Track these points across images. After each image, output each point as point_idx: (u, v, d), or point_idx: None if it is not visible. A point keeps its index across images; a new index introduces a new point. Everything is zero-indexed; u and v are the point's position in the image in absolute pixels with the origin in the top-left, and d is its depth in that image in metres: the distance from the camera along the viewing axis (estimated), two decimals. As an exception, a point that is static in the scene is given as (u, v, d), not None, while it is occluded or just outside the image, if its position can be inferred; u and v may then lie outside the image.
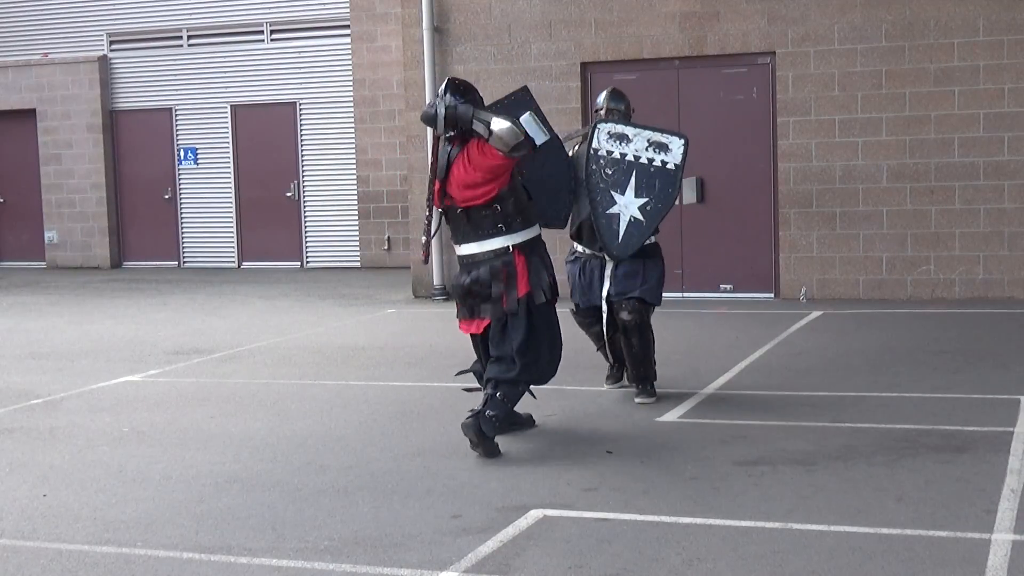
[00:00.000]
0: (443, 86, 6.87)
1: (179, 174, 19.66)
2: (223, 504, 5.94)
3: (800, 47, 13.03)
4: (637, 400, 8.05)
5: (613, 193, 7.86)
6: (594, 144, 7.92)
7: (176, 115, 19.57)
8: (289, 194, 18.97)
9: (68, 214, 20.09)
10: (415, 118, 14.57)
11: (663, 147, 7.95)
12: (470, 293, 6.94)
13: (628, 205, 7.85)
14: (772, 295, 13.44)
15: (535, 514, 5.61)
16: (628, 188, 7.86)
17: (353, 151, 18.51)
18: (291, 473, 6.51)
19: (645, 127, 8.12)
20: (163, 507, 5.93)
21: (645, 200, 7.89)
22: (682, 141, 8.03)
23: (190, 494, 6.15)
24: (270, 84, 18.98)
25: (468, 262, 6.94)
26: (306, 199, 18.94)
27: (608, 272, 7.97)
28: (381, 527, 5.50)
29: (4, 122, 20.53)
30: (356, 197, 18.52)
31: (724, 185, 13.54)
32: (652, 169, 7.92)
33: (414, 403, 8.28)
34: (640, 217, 7.86)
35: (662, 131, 8.06)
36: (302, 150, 18.93)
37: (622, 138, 7.92)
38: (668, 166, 7.96)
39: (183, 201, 19.68)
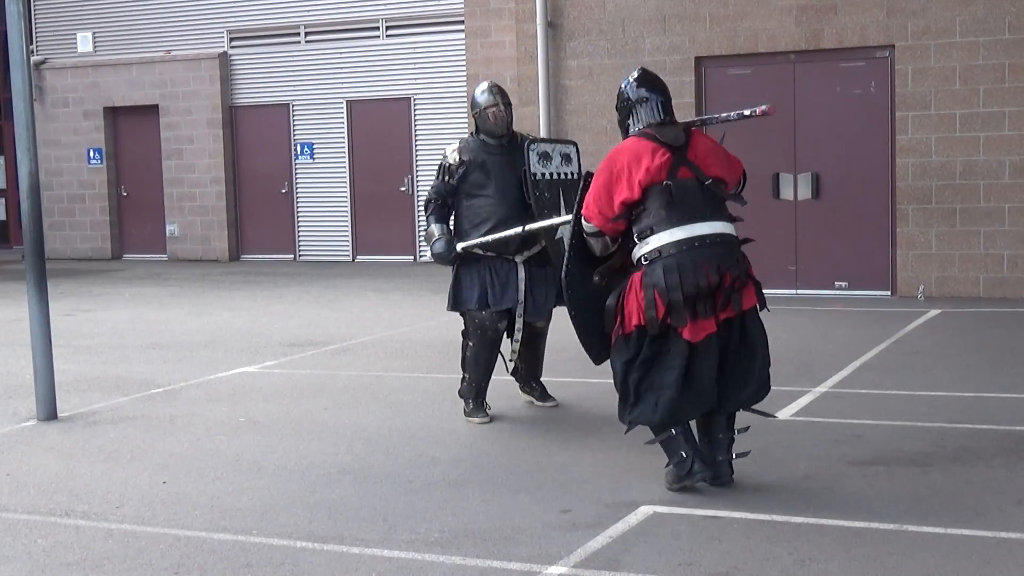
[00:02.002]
0: (637, 74, 6.22)
1: (296, 169, 19.96)
2: (336, 494, 6.03)
3: (920, 40, 12.78)
4: (548, 404, 8.04)
5: (555, 216, 7.52)
6: (532, 168, 7.54)
7: (293, 111, 19.87)
8: (403, 188, 19.15)
9: (188, 208, 20.52)
10: (528, 113, 14.60)
11: (568, 158, 7.81)
12: (722, 282, 5.74)
13: (567, 231, 7.35)
14: (889, 293, 13.21)
15: (645, 510, 5.59)
16: (560, 207, 7.57)
17: (466, 146, 18.58)
18: (403, 465, 6.58)
19: (553, 140, 7.99)
20: (278, 496, 6.03)
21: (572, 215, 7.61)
22: (574, 147, 7.96)
23: (304, 484, 6.25)
24: (385, 80, 19.17)
25: (715, 241, 5.81)
26: (420, 193, 19.09)
27: (522, 279, 7.62)
28: (491, 520, 5.53)
29: (128, 118, 21.05)
30: (469, 192, 18.60)
31: (840, 181, 13.34)
32: (568, 183, 7.67)
33: (525, 397, 8.29)
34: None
35: (562, 142, 7.96)
36: (416, 145, 19.09)
37: (546, 157, 7.66)
38: (573, 172, 7.77)
39: (299, 195, 19.98)
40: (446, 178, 7.68)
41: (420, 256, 19.09)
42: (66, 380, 8.96)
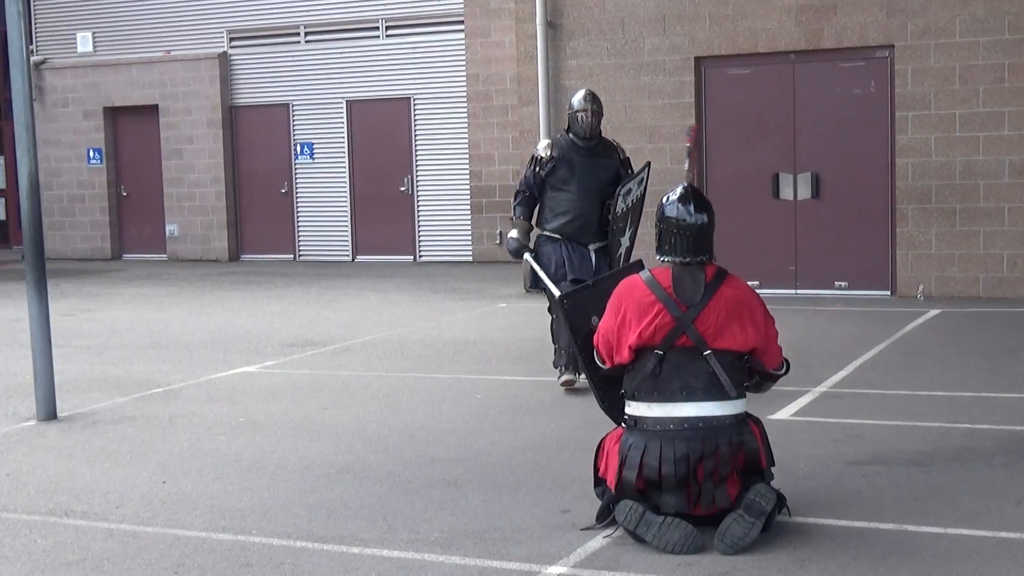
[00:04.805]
0: (681, 193, 5.42)
1: (295, 169, 19.96)
2: (336, 494, 6.03)
3: (920, 40, 12.78)
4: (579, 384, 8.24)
5: (621, 238, 8.45)
6: (616, 208, 8.31)
7: (293, 111, 19.87)
8: (403, 188, 19.15)
9: (188, 208, 20.52)
10: (528, 113, 14.61)
11: (641, 181, 8.54)
12: (697, 474, 5.12)
13: (626, 240, 8.49)
14: (888, 293, 13.21)
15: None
16: (627, 228, 8.47)
17: (466, 146, 18.61)
18: (402, 465, 6.57)
19: (636, 175, 8.53)
20: (277, 496, 6.03)
21: (632, 229, 8.57)
22: (647, 168, 8.69)
23: (304, 484, 6.25)
24: (385, 80, 19.17)
25: (695, 426, 5.18)
26: (419, 194, 19.10)
27: (593, 263, 8.37)
28: (491, 520, 5.53)
29: (128, 118, 21.06)
30: (469, 192, 18.63)
31: (840, 181, 13.33)
32: (636, 203, 8.52)
33: (525, 397, 8.31)
34: (629, 244, 8.56)
35: (639, 173, 8.59)
36: (416, 145, 19.09)
37: (628, 194, 8.40)
38: (641, 192, 8.57)
39: (299, 195, 19.98)
40: (536, 169, 8.48)
41: (420, 256, 19.10)
42: (66, 380, 8.96)
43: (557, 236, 8.41)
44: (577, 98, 8.54)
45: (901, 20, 12.84)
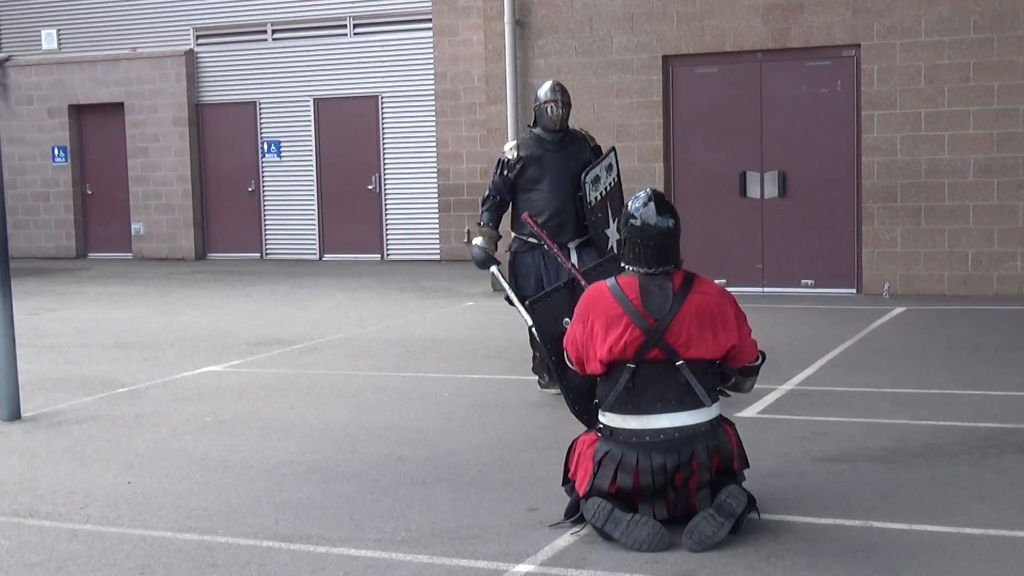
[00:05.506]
0: (645, 199, 5.37)
1: (262, 167, 19.88)
2: (303, 494, 6.01)
3: (886, 39, 12.86)
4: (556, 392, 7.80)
5: (605, 231, 8.18)
6: (588, 197, 8.11)
7: (260, 108, 19.79)
8: (370, 187, 19.10)
9: (154, 206, 20.40)
10: (496, 112, 14.60)
11: (610, 167, 8.33)
12: (674, 481, 5.14)
13: (613, 232, 8.17)
14: (854, 291, 13.28)
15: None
16: (609, 219, 8.19)
17: (434, 144, 18.59)
18: (370, 464, 6.56)
19: (600, 160, 8.35)
20: (244, 496, 6.00)
21: (617, 219, 8.15)
22: (613, 152, 8.46)
23: (270, 483, 6.22)
24: (352, 78, 19.12)
25: (670, 436, 5.15)
26: (387, 192, 19.06)
27: (574, 262, 7.96)
28: (458, 519, 5.52)
29: (93, 115, 20.91)
30: (436, 190, 18.60)
31: (806, 179, 13.40)
32: (612, 190, 8.29)
33: (492, 396, 8.30)
34: (618, 235, 8.05)
35: (604, 156, 8.38)
36: (383, 143, 19.05)
37: (596, 180, 8.21)
38: (614, 179, 8.34)
39: (266, 194, 19.89)
40: (504, 172, 8.21)
41: (387, 255, 19.06)
42: (30, 380, 8.89)
43: (535, 241, 8.07)
44: (544, 89, 8.28)
45: (867, 20, 12.91)
